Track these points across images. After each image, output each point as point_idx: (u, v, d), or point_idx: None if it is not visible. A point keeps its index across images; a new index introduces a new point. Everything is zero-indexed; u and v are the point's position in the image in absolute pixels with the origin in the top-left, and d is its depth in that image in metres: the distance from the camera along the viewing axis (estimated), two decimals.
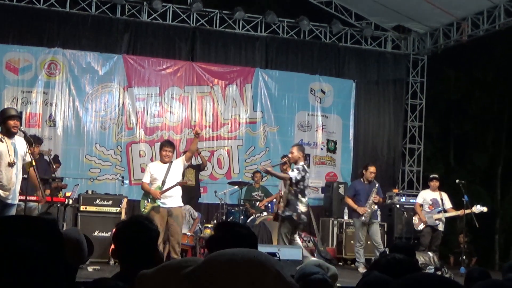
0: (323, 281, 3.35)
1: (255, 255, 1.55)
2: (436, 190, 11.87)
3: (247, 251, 1.60)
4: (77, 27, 13.02)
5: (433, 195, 11.80)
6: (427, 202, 11.76)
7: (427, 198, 11.82)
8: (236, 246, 2.90)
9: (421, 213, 11.68)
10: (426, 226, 11.57)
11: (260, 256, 1.54)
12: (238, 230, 3.02)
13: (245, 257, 1.52)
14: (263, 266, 1.51)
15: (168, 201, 9.48)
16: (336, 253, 12.69)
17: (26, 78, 12.56)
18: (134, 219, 3.34)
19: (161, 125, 13.34)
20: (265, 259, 1.53)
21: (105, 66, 13.05)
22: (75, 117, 12.81)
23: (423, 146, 15.45)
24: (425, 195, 11.94)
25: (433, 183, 11.91)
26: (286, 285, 1.51)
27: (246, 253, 1.55)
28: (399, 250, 4.54)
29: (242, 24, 14.18)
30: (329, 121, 14.55)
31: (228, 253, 1.59)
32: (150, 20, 13.53)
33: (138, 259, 3.04)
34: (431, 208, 11.69)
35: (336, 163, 14.53)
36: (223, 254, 1.61)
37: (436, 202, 11.68)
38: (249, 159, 13.86)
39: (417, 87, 15.46)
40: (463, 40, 13.88)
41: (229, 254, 1.58)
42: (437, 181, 11.91)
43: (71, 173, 12.29)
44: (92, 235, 9.82)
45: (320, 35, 14.83)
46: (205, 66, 13.72)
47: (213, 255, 1.63)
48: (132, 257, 3.06)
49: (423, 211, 11.71)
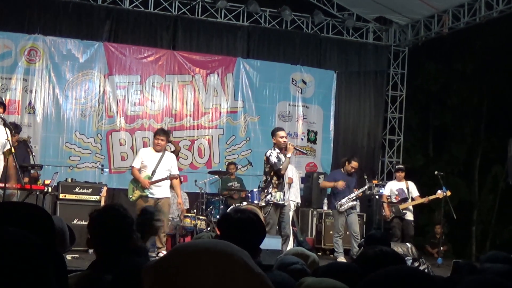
0: (301, 271, 3.38)
1: (220, 245, 1.56)
2: (402, 180, 12.05)
3: (214, 241, 1.62)
4: (58, 14, 12.90)
5: (399, 185, 11.97)
6: (393, 192, 11.94)
7: (393, 188, 11.99)
8: (247, 228, 3.06)
9: (385, 204, 11.82)
10: (395, 217, 11.70)
11: (226, 246, 1.56)
12: (251, 215, 3.18)
13: (210, 247, 1.53)
14: (229, 256, 1.52)
15: (156, 191, 9.50)
16: (315, 243, 12.76)
17: (5, 65, 12.44)
18: (108, 207, 3.36)
19: (141, 113, 13.29)
20: (230, 249, 1.54)
21: (86, 53, 12.95)
22: (55, 105, 12.72)
23: (402, 137, 15.56)
24: (391, 186, 12.11)
25: (399, 174, 12.13)
26: (253, 275, 1.52)
27: (211, 243, 1.57)
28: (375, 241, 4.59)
29: (224, 13, 14.15)
30: (310, 112, 14.58)
31: (192, 244, 1.60)
32: (132, 7, 13.44)
33: (113, 246, 3.06)
34: (397, 198, 11.84)
35: (316, 154, 14.58)
36: (187, 245, 1.62)
37: (402, 192, 11.84)
38: (230, 148, 13.86)
39: (398, 78, 15.55)
40: (443, 32, 13.96)
41: (193, 245, 1.59)
42: (402, 172, 12.12)
43: (51, 160, 12.23)
44: (71, 223, 9.78)
45: (302, 25, 14.84)
46: (187, 55, 13.68)
47: (178, 246, 1.65)
48: (107, 245, 3.07)
49: (390, 202, 11.85)
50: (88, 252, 9.36)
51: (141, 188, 9.47)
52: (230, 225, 3.12)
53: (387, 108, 15.44)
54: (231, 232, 3.04)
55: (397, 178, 12.13)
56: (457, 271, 4.25)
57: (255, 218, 3.19)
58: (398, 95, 15.53)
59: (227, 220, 3.19)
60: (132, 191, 9.61)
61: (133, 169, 9.70)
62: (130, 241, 3.14)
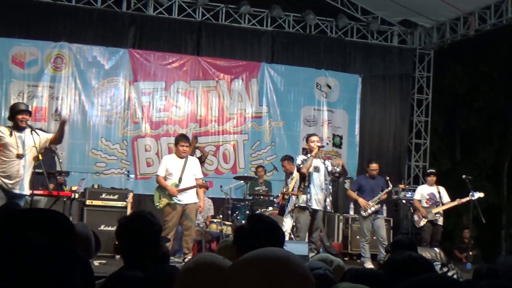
0: (324, 276, 3.36)
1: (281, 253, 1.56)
2: (433, 184, 11.86)
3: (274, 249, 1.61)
4: (83, 21, 13.00)
5: (430, 190, 11.80)
6: (424, 197, 11.77)
7: (424, 193, 11.82)
8: (265, 237, 2.99)
9: (421, 208, 11.66)
10: (427, 221, 11.56)
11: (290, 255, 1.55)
12: (268, 222, 3.15)
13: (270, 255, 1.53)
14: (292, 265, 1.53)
15: (184, 198, 9.49)
16: (341, 248, 12.67)
17: (32, 72, 12.56)
18: (136, 214, 3.36)
19: (166, 119, 13.33)
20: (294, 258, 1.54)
21: (111, 60, 13.04)
22: (81, 111, 12.82)
23: (429, 141, 15.41)
24: (422, 191, 11.94)
25: (430, 178, 11.93)
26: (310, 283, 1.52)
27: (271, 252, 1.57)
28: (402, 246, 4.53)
29: (248, 18, 14.15)
30: (335, 116, 14.52)
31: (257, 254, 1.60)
32: (156, 14, 13.51)
33: (141, 253, 3.06)
34: (428, 203, 11.69)
35: (342, 158, 14.47)
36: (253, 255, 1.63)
37: (434, 197, 11.69)
38: (255, 153, 13.84)
39: (423, 81, 15.42)
40: (469, 34, 13.83)
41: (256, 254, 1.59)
42: (434, 176, 11.91)
43: (77, 167, 12.29)
44: (98, 229, 9.86)
45: (326, 29, 14.79)
46: (211, 61, 13.70)
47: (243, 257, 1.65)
48: (134, 251, 3.07)
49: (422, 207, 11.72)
50: (115, 258, 9.41)
51: (168, 196, 9.46)
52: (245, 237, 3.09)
53: (413, 112, 15.32)
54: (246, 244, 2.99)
55: (428, 183, 11.94)
56: (478, 275, 4.18)
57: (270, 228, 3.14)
58: (424, 98, 15.40)
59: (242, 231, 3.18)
60: (159, 198, 9.60)
61: (158, 177, 9.68)
62: (157, 248, 3.14)
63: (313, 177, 9.44)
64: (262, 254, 1.55)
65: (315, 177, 9.46)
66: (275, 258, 1.52)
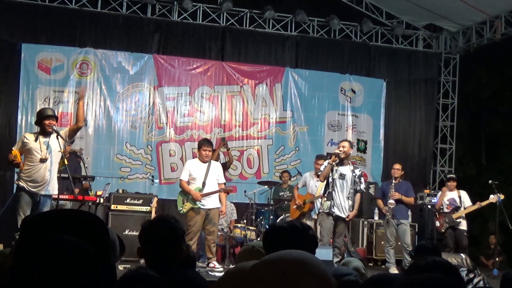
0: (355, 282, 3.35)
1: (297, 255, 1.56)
2: (454, 189, 11.78)
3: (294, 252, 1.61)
4: (108, 27, 13.12)
5: (451, 195, 11.72)
6: (445, 202, 11.68)
7: (444, 198, 11.74)
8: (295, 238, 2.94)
9: (439, 217, 11.61)
10: (448, 227, 11.46)
11: (306, 256, 1.55)
12: (296, 224, 3.08)
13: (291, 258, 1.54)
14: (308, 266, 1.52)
15: (207, 202, 9.53)
16: (366, 254, 12.61)
17: (58, 78, 12.69)
18: (160, 218, 3.37)
19: (191, 124, 13.37)
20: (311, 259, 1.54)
21: (136, 65, 13.12)
22: (106, 117, 12.91)
23: (454, 146, 15.28)
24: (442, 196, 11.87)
25: (450, 183, 11.85)
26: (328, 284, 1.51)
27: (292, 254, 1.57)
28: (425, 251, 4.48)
29: (272, 23, 14.16)
30: (360, 121, 14.47)
31: (275, 255, 1.61)
32: (180, 19, 13.58)
33: (164, 257, 3.07)
34: (449, 208, 11.60)
35: (366, 163, 14.44)
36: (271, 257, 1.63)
37: (454, 201, 11.60)
38: (279, 158, 13.83)
39: (449, 86, 15.30)
40: (496, 38, 13.70)
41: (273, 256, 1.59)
42: (454, 181, 11.85)
43: (102, 172, 12.39)
44: (123, 234, 9.90)
45: (351, 34, 14.75)
46: (235, 66, 13.73)
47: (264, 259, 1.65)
48: (158, 255, 3.08)
49: (442, 212, 11.63)
50: (139, 262, 9.43)
51: (192, 200, 9.49)
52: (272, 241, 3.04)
53: (438, 117, 15.20)
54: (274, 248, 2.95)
55: (449, 188, 11.88)
56: (506, 282, 4.10)
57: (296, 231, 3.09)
58: (449, 103, 15.28)
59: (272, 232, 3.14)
60: (182, 203, 9.63)
61: (182, 182, 9.72)
62: (180, 252, 3.14)
63: (337, 183, 9.39)
64: (279, 256, 1.55)
65: (340, 184, 9.41)
66: (291, 260, 1.52)
